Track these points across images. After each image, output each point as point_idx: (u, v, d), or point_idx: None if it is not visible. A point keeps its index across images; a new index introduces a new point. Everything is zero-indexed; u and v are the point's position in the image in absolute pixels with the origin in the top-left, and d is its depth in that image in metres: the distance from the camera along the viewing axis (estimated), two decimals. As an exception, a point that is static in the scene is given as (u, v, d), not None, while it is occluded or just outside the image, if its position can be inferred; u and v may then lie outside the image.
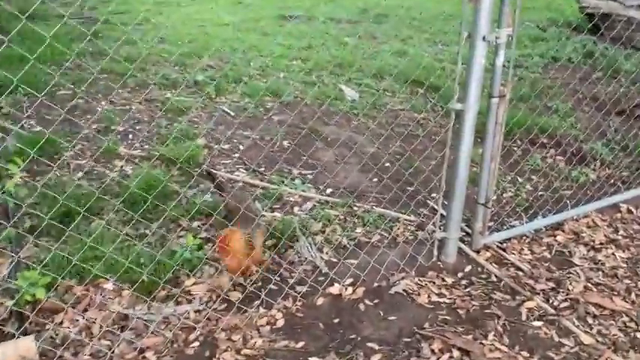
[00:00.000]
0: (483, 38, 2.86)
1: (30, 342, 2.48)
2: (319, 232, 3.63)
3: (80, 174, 4.29)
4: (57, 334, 2.73)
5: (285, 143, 5.04)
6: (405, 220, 3.87)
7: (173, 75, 6.50)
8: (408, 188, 4.13)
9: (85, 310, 2.87)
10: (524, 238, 3.76)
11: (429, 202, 4.17)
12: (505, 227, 3.85)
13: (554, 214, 3.90)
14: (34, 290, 2.45)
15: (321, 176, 4.46)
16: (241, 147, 4.90)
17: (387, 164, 4.78)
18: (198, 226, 3.61)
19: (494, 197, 3.80)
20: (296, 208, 3.94)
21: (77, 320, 2.82)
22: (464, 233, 3.64)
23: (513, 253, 3.59)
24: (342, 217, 3.85)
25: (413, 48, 8.02)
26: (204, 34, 8.55)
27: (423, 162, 4.73)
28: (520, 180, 4.60)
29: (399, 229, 3.76)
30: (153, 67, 6.91)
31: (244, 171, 4.48)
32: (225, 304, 2.99)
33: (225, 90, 6.16)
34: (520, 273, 3.40)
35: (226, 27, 9.17)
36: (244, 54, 7.59)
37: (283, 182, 4.27)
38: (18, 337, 2.48)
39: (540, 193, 4.34)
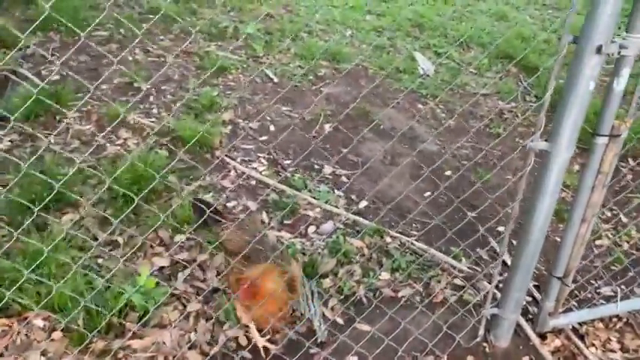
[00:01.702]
0: (598, 49, 1.76)
1: None
2: (330, 274, 2.76)
3: (76, 143, 3.65)
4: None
5: (327, 127, 4.12)
6: (452, 267, 2.91)
7: (224, 23, 5.64)
8: (469, 213, 3.14)
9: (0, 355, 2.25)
10: (614, 321, 2.70)
11: (491, 241, 3.15)
12: (587, 303, 2.79)
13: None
14: None
15: (358, 181, 3.54)
16: (272, 128, 4.03)
17: (449, 172, 3.75)
18: (181, 245, 2.84)
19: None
20: (311, 229, 3.07)
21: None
22: (526, 306, 2.65)
23: (594, 345, 2.56)
24: (366, 251, 2.95)
25: (516, 11, 6.61)
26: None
27: (495, 177, 3.66)
28: (623, 218, 3.43)
29: (439, 281, 2.82)
30: (206, 10, 6.09)
31: (264, 162, 3.63)
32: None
33: (276, 48, 5.23)
34: (599, 380, 2.40)
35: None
36: (313, 1, 6.57)
37: (306, 186, 3.39)
38: None
39: (650, 245, 3.19)
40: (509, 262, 2.74)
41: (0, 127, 3.66)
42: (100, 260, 2.72)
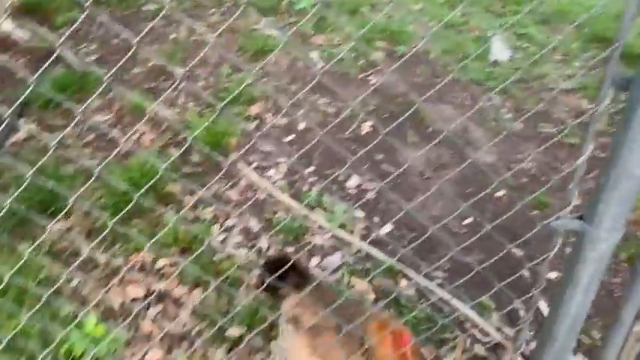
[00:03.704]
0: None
1: None
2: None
3: (91, 136, 3.44)
4: None
5: (367, 126, 3.58)
6: (476, 327, 2.36)
7: (279, -5, 5.16)
8: (514, 251, 2.56)
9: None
10: None
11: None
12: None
13: None
14: None
15: (387, 198, 3.02)
16: (302, 125, 3.58)
17: (502, 192, 3.12)
18: (161, 274, 2.52)
19: None
20: (314, 261, 2.63)
21: None
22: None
23: None
24: (372, 296, 2.46)
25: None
26: None
27: (559, 201, 3.00)
28: None
29: (454, 347, 2.28)
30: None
31: (282, 169, 3.20)
32: None
33: (328, 27, 4.68)
34: None
35: None
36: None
37: (320, 204, 2.93)
38: None
39: None
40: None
41: (20, 116, 3.54)
42: (74, 283, 2.48)
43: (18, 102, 1.51)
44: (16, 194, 1.39)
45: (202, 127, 3.15)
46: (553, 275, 2.60)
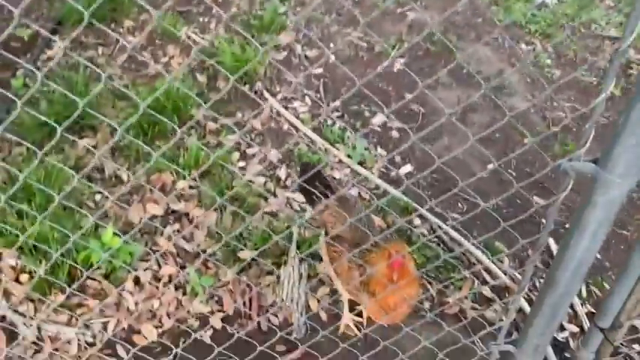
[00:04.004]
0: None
1: None
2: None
3: (122, 57, 3.46)
4: None
5: (399, 64, 3.49)
6: (487, 272, 2.35)
7: None
8: (535, 199, 2.53)
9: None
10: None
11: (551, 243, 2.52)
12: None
13: None
14: None
15: (411, 138, 2.98)
16: (332, 58, 3.51)
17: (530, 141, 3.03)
18: (180, 194, 2.57)
19: None
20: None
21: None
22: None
23: (643, 413, 1.96)
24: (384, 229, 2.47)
25: None
26: None
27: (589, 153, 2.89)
28: None
29: (461, 287, 2.29)
30: None
31: (308, 102, 3.17)
32: None
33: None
34: None
35: None
36: None
37: (343, 140, 2.91)
38: None
39: None
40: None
41: (55, 31, 3.56)
42: (97, 197, 2.57)
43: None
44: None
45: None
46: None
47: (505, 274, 2.30)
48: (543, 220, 2.56)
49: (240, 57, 3.23)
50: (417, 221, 2.54)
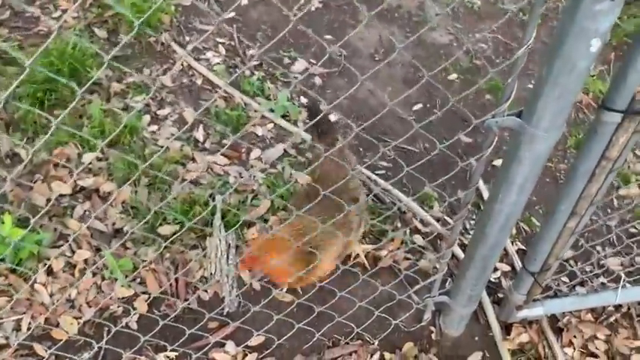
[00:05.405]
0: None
1: None
2: (258, 222, 2.24)
3: (6, 14, 3.05)
4: None
5: (318, 1, 3.27)
6: (417, 219, 2.32)
7: None
8: (463, 139, 2.48)
9: None
10: (609, 310, 2.11)
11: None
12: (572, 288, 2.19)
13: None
14: None
15: (335, 84, 2.84)
16: (243, 1, 3.24)
17: (454, 75, 2.96)
18: (88, 169, 2.34)
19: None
20: (255, 154, 2.48)
21: None
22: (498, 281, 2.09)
23: (572, 343, 2.02)
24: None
25: None
26: None
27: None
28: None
29: (393, 239, 2.25)
30: None
31: (222, 51, 2.94)
32: None
33: None
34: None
35: None
36: None
37: (263, 91, 2.73)
38: None
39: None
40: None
41: None
42: (-7, 180, 2.30)
43: None
44: None
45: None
46: (499, 163, 2.54)
47: (438, 220, 2.27)
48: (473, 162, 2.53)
49: (143, 6, 2.92)
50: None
